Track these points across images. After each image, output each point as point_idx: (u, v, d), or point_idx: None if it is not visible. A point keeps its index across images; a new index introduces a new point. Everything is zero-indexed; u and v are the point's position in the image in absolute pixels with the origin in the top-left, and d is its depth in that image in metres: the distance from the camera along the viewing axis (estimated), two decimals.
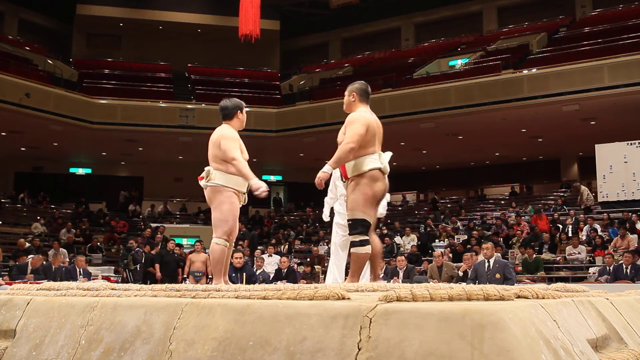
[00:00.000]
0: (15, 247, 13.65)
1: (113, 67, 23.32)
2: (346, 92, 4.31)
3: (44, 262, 10.43)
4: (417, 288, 2.45)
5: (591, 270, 11.28)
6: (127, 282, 10.11)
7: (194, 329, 2.63)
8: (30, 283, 6.88)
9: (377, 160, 4.05)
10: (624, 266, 9.86)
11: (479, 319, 2.07)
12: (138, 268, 11.79)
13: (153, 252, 11.92)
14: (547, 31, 20.37)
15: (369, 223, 4.02)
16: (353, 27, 26.28)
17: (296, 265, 12.66)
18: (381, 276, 9.60)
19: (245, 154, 4.40)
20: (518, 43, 19.77)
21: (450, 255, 12.35)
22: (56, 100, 18.05)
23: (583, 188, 16.66)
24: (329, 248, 5.64)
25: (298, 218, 22.10)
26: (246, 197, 4.47)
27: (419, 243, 14.99)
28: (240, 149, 4.34)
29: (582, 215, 15.27)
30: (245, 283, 8.35)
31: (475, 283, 7.54)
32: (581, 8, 22.29)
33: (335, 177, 5.50)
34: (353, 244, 4.06)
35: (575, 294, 3.07)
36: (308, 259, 12.86)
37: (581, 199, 16.39)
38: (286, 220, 21.55)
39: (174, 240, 13.37)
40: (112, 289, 3.42)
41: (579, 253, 12.07)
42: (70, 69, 21.46)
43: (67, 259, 12.29)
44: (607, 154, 14.65)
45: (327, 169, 4.07)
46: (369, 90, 4.32)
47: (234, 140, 4.34)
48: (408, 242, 15.45)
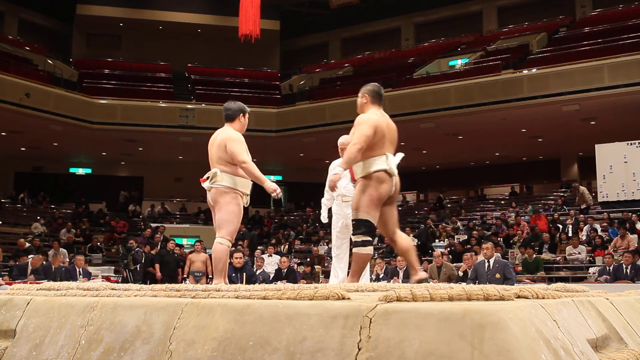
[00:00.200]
0: (15, 247, 13.65)
1: (113, 67, 23.32)
2: (359, 94, 4.35)
3: (44, 262, 10.42)
4: (417, 288, 2.45)
5: (591, 270, 11.27)
6: (127, 282, 10.11)
7: (194, 329, 2.63)
8: (30, 283, 6.88)
9: (384, 162, 4.08)
10: (624, 266, 9.86)
11: (479, 319, 2.07)
12: (138, 268, 11.79)
13: (153, 252, 11.92)
14: (547, 31, 20.38)
15: (372, 224, 4.03)
16: (353, 27, 26.28)
17: (296, 265, 12.65)
18: (381, 276, 9.63)
19: (249, 156, 4.42)
20: (518, 43, 19.77)
21: (450, 256, 12.33)
22: (56, 100, 18.06)
23: (582, 188, 16.66)
24: (329, 248, 5.64)
25: (298, 218, 22.10)
26: (249, 199, 4.49)
27: (419, 243, 14.98)
28: (246, 151, 4.37)
29: (582, 215, 15.27)
30: (245, 283, 8.35)
31: (475, 283, 7.54)
32: (581, 8, 22.30)
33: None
34: (355, 244, 4.05)
35: (575, 294, 3.07)
36: (308, 259, 12.85)
37: (582, 199, 16.38)
38: (286, 220, 21.56)
39: (174, 240, 13.37)
40: (112, 289, 3.42)
41: (579, 253, 12.06)
42: (70, 69, 21.46)
43: (67, 259, 12.28)
44: (607, 154, 14.65)
45: (338, 170, 4.15)
46: (382, 91, 4.36)
47: (241, 142, 4.37)
48: None
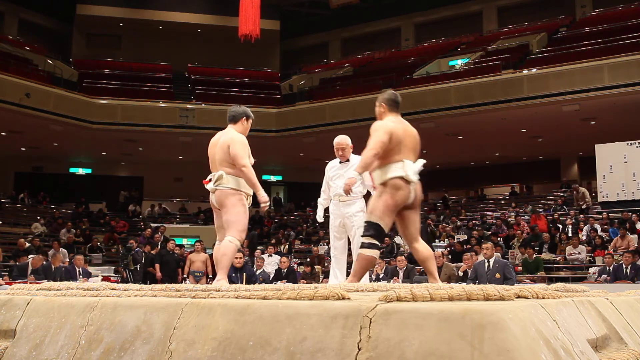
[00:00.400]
0: (15, 247, 13.65)
1: (113, 67, 23.31)
2: (376, 103, 4.40)
3: (44, 262, 10.42)
4: (417, 288, 2.45)
5: (591, 270, 11.27)
6: (127, 282, 10.10)
7: (194, 329, 2.63)
8: (30, 283, 6.88)
9: (400, 168, 4.15)
10: (624, 266, 9.86)
11: (479, 319, 2.07)
12: (138, 268, 11.79)
13: (153, 252, 11.92)
14: (547, 31, 20.37)
15: (382, 229, 4.07)
16: (353, 27, 26.27)
17: (296, 265, 12.65)
18: (381, 276, 9.63)
19: (251, 159, 4.46)
20: (518, 43, 19.77)
21: (449, 256, 12.32)
22: (56, 100, 18.06)
23: (583, 189, 16.66)
24: (329, 248, 5.64)
25: (298, 218, 22.09)
26: (251, 200, 4.54)
27: None
28: (248, 155, 4.41)
29: (582, 215, 15.27)
30: (245, 283, 8.35)
31: (475, 283, 7.54)
32: (581, 8, 22.30)
33: (327, 178, 5.50)
34: (362, 245, 4.09)
35: (575, 294, 3.07)
36: (308, 259, 12.85)
37: (583, 199, 16.37)
38: (286, 220, 21.55)
39: (174, 240, 13.36)
40: (112, 289, 3.42)
41: (579, 253, 12.06)
42: (70, 69, 21.46)
43: (67, 259, 12.27)
44: (607, 154, 14.65)
45: (354, 175, 4.21)
46: (398, 99, 4.40)
47: (245, 146, 4.41)
48: None
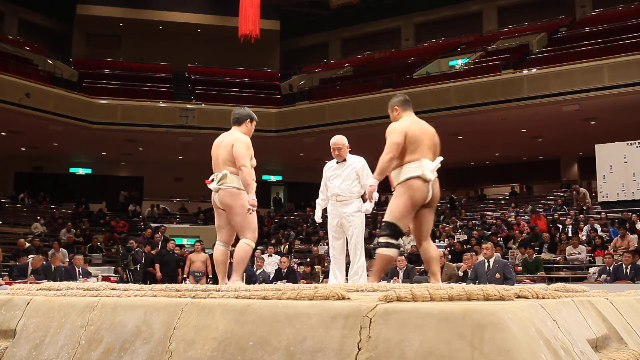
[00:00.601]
0: (15, 247, 13.64)
1: (113, 67, 23.31)
2: (389, 110, 4.43)
3: (44, 262, 10.41)
4: (417, 288, 2.45)
5: (591, 270, 11.26)
6: (127, 283, 10.10)
7: (194, 329, 2.63)
8: (30, 283, 6.88)
9: (418, 168, 4.09)
10: (624, 266, 9.86)
11: (479, 319, 2.07)
12: (138, 268, 11.78)
13: (153, 252, 11.91)
14: (547, 31, 20.37)
15: (399, 229, 4.09)
16: (353, 27, 26.27)
17: (296, 265, 12.65)
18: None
19: (253, 161, 4.49)
20: (518, 43, 19.76)
21: (449, 256, 12.32)
22: (56, 100, 18.05)
23: (583, 190, 16.65)
24: (329, 248, 5.64)
25: (298, 218, 22.08)
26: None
27: None
28: (250, 157, 4.44)
29: (582, 215, 15.26)
30: (245, 283, 8.34)
31: (475, 283, 7.54)
32: (581, 8, 22.30)
33: (325, 178, 5.49)
34: (379, 244, 4.14)
35: (575, 294, 3.07)
36: (308, 259, 12.84)
37: (584, 200, 16.36)
38: (286, 220, 21.54)
39: (174, 240, 13.36)
40: (112, 289, 3.42)
41: (579, 253, 12.05)
42: (70, 69, 21.46)
43: (67, 259, 12.26)
44: (607, 154, 14.64)
45: (373, 182, 4.24)
46: (407, 97, 4.45)
47: (248, 147, 4.44)
48: (408, 242, 15.42)
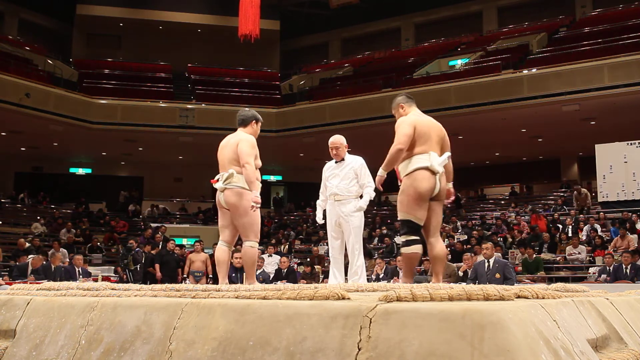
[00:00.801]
0: (15, 247, 13.64)
1: (113, 67, 23.31)
2: (393, 111, 4.40)
3: (44, 262, 10.41)
4: (417, 288, 2.45)
5: (591, 270, 11.26)
6: (127, 283, 10.10)
7: (194, 329, 2.62)
8: (30, 283, 6.87)
9: (426, 159, 4.08)
10: (624, 266, 9.85)
11: (479, 319, 2.07)
12: (138, 268, 11.79)
13: (153, 252, 11.91)
14: (547, 31, 20.37)
15: (414, 223, 4.03)
16: (353, 27, 26.27)
17: (296, 265, 12.65)
18: (381, 276, 9.62)
19: (258, 161, 4.48)
20: (518, 43, 19.76)
21: (449, 256, 12.31)
22: (56, 100, 18.05)
23: (584, 190, 16.65)
24: (329, 248, 5.63)
25: (298, 218, 22.08)
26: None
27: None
28: (255, 156, 4.45)
29: (582, 215, 15.26)
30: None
31: (475, 283, 7.54)
32: (581, 8, 22.30)
33: (324, 179, 5.46)
34: (401, 245, 4.17)
35: (575, 294, 3.07)
36: (308, 259, 12.85)
37: (585, 200, 16.35)
38: (286, 220, 21.54)
39: (174, 240, 13.36)
40: (112, 289, 3.42)
41: (579, 253, 12.05)
42: (70, 69, 21.46)
43: (67, 259, 12.26)
44: (607, 154, 14.64)
45: (381, 173, 4.18)
46: (409, 95, 4.44)
47: (253, 146, 4.45)
48: None
